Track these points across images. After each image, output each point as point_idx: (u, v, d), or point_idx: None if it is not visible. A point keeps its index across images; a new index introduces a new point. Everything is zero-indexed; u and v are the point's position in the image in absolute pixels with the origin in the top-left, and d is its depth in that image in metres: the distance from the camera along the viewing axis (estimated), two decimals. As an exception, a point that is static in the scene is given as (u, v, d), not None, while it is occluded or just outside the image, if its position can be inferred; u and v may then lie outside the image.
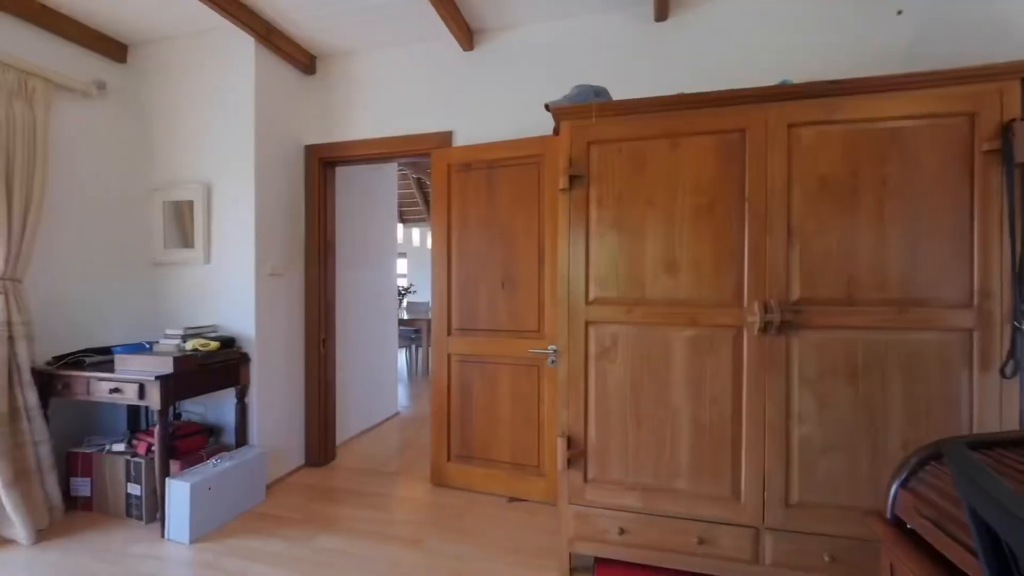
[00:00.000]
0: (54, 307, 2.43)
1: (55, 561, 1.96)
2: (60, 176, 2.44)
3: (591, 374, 1.80)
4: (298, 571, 1.91)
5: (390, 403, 4.09)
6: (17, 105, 2.20)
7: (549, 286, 2.42)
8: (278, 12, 2.47)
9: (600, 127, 1.78)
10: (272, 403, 2.72)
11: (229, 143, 2.63)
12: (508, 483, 2.53)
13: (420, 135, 2.76)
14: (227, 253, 2.64)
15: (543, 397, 2.46)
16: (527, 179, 2.46)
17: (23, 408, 2.17)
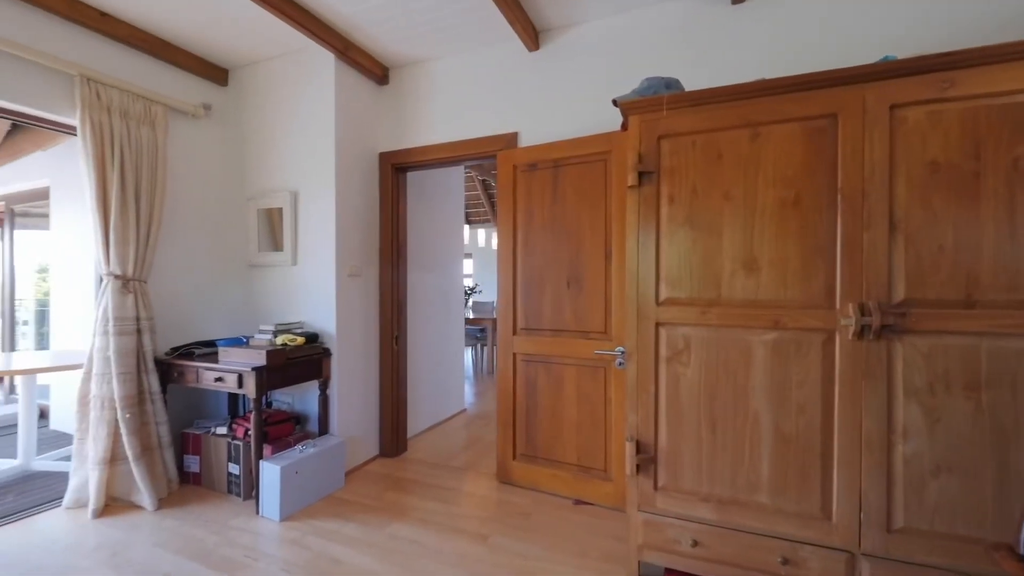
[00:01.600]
0: (169, 304, 2.77)
1: (172, 527, 2.23)
2: (172, 189, 2.77)
3: (662, 377, 1.74)
4: (373, 556, 2.02)
5: (457, 400, 4.21)
6: (143, 130, 2.53)
7: (616, 286, 2.36)
8: (356, 28, 2.63)
9: (671, 120, 1.71)
10: (350, 396, 2.91)
11: (312, 153, 2.84)
12: (574, 485, 2.51)
13: (486, 137, 2.81)
14: (311, 255, 2.86)
15: (610, 399, 2.41)
16: (593, 177, 2.42)
17: (148, 392, 2.49)
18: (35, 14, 2.23)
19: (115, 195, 2.38)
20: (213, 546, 2.08)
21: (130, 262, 2.44)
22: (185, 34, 2.66)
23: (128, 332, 2.41)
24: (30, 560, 1.96)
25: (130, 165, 2.46)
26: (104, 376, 2.36)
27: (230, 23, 2.55)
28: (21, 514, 2.34)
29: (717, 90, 1.65)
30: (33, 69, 2.22)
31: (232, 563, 1.96)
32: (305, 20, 2.44)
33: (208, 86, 2.99)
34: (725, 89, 1.63)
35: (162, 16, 2.48)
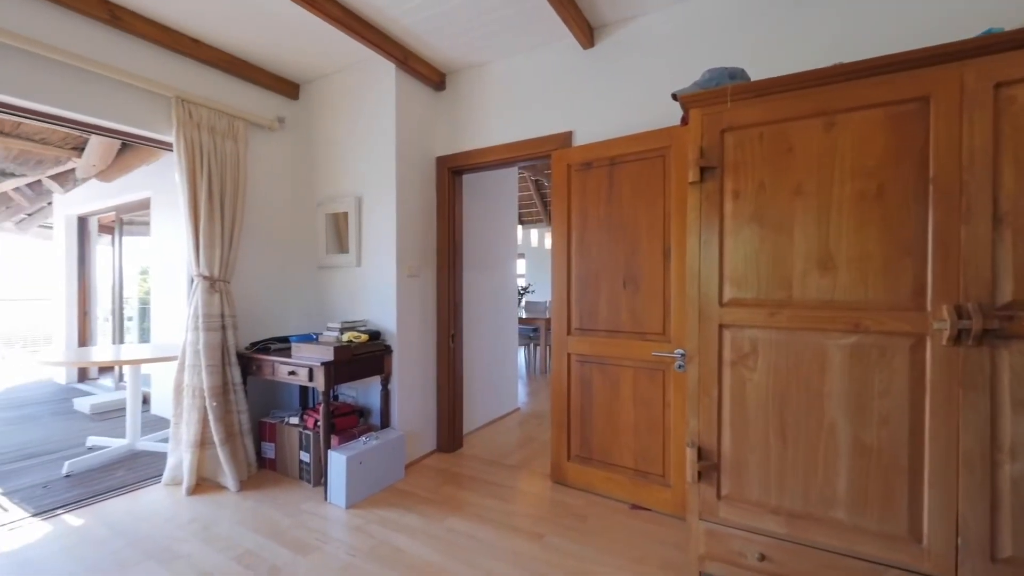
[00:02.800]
0: (249, 303, 3.01)
1: (251, 508, 2.43)
2: (251, 197, 3.01)
3: (725, 381, 1.66)
4: (432, 547, 2.09)
5: (510, 399, 4.25)
6: (227, 143, 2.77)
7: (676, 286, 2.29)
8: (415, 37, 2.73)
9: (736, 112, 1.63)
10: (410, 392, 3.02)
11: (375, 160, 2.98)
12: (630, 489, 2.45)
13: (540, 138, 2.81)
14: (374, 257, 3.00)
15: (669, 403, 2.33)
16: (651, 174, 2.36)
17: (231, 383, 2.72)
18: (139, 44, 2.51)
19: (204, 203, 2.63)
20: (286, 527, 2.24)
21: (216, 264, 2.68)
22: (263, 54, 2.88)
23: (215, 328, 2.65)
24: (137, 530, 2.21)
25: (216, 176, 2.70)
26: (195, 367, 2.61)
27: (302, 41, 2.73)
28: (129, 488, 2.64)
29: (788, 78, 1.55)
30: (139, 94, 2.50)
31: (303, 544, 2.10)
32: (368, 33, 2.56)
33: (282, 100, 3.23)
34: (797, 76, 1.53)
35: (244, 39, 2.70)
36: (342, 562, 1.97)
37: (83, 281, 5.57)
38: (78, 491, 2.60)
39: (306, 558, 2.00)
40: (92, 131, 2.51)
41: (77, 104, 2.30)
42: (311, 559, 1.99)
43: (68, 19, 2.25)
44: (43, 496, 2.55)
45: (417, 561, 1.98)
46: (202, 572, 1.90)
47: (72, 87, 2.28)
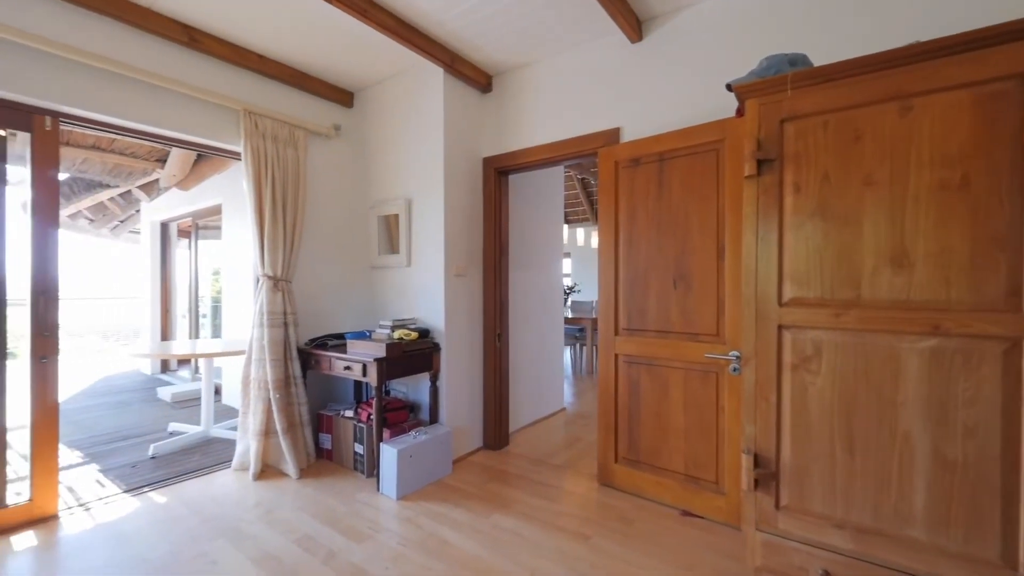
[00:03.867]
0: (307, 301, 3.18)
1: (310, 495, 2.57)
2: (309, 202, 3.18)
3: (785, 386, 1.57)
4: (478, 542, 2.12)
5: (556, 398, 4.23)
6: (288, 151, 2.95)
7: (730, 285, 2.19)
8: (462, 41, 2.78)
9: (797, 100, 1.53)
10: (457, 389, 3.08)
11: (424, 163, 3.07)
12: (681, 495, 2.37)
13: (587, 135, 2.78)
14: (423, 257, 3.09)
15: (722, 407, 2.24)
16: (703, 169, 2.27)
17: (292, 376, 2.89)
18: (211, 63, 2.72)
19: (268, 208, 2.81)
20: (342, 515, 2.35)
21: (279, 265, 2.86)
22: (320, 65, 3.04)
23: (278, 325, 2.83)
24: (211, 510, 2.40)
25: (279, 182, 2.88)
26: (260, 361, 2.80)
27: (356, 51, 2.85)
28: (203, 471, 2.87)
29: (857, 60, 1.44)
30: (211, 108, 2.71)
31: (357, 532, 2.20)
32: (417, 39, 2.64)
33: (338, 109, 3.39)
34: (868, 58, 1.42)
35: (304, 52, 2.86)
36: (393, 552, 2.04)
37: (165, 281, 6.12)
38: (161, 472, 2.86)
39: (360, 546, 2.09)
40: (172, 144, 2.75)
41: (160, 119, 2.53)
42: (365, 547, 2.08)
43: (152, 43, 2.48)
44: (132, 475, 2.82)
45: (464, 555, 2.02)
46: (266, 553, 2.03)
47: (156, 104, 2.51)
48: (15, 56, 2.08)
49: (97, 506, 2.43)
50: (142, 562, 1.95)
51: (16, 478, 2.42)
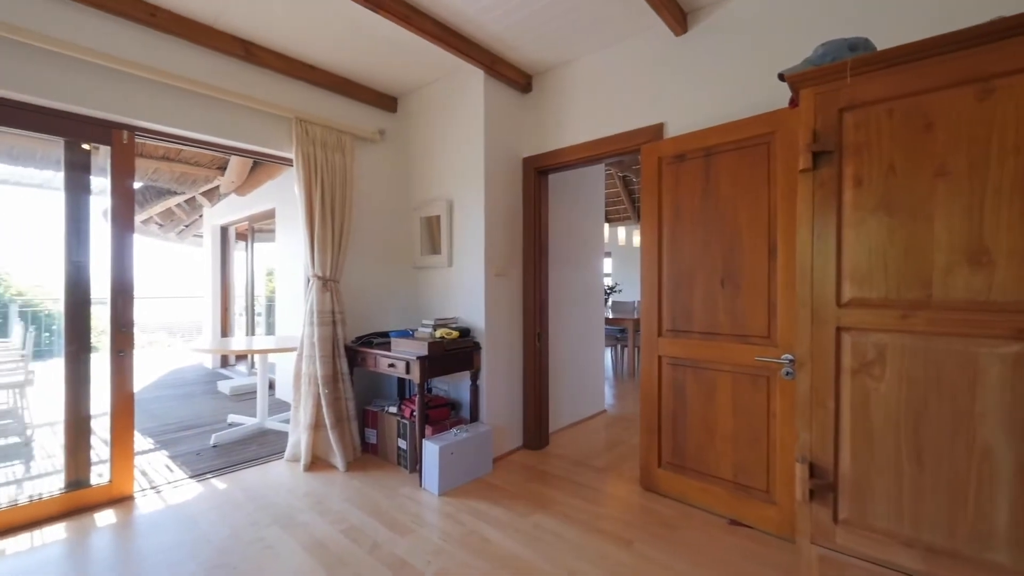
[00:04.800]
0: (354, 300, 3.30)
1: (356, 487, 2.66)
2: (356, 204, 3.30)
3: (844, 392, 1.48)
4: (518, 541, 2.12)
5: (597, 400, 4.17)
6: (336, 156, 3.07)
7: (783, 285, 2.08)
8: (502, 42, 2.80)
9: (858, 87, 1.44)
10: (497, 388, 3.10)
11: (465, 165, 3.11)
12: (729, 503, 2.28)
13: (629, 132, 2.73)
14: (464, 257, 3.13)
15: (774, 412, 2.13)
16: (753, 163, 2.17)
17: (340, 373, 3.01)
18: (265, 74, 2.87)
19: (318, 211, 2.93)
20: (386, 508, 2.42)
21: (328, 266, 2.98)
22: (366, 72, 3.14)
23: (327, 323, 2.95)
24: (266, 497, 2.54)
25: (328, 186, 3.00)
26: (311, 358, 2.93)
27: (400, 57, 2.93)
28: (259, 460, 3.04)
29: (927, 42, 1.33)
30: (265, 117, 2.86)
31: (401, 525, 2.26)
32: (458, 43, 2.68)
33: (382, 114, 3.49)
34: (940, 39, 1.31)
35: (351, 60, 2.97)
36: (435, 546, 2.09)
37: (224, 281, 6.52)
38: (222, 460, 3.05)
39: (403, 538, 2.14)
40: (231, 152, 2.92)
41: (220, 130, 2.69)
42: (407, 540, 2.13)
43: (213, 58, 2.65)
44: (197, 462, 3.03)
45: (504, 553, 2.03)
46: (316, 540, 2.12)
47: (216, 115, 2.68)
48: (97, 76, 2.28)
49: (167, 489, 2.62)
50: (206, 544, 2.09)
51: (98, 461, 2.65)
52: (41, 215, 13.17)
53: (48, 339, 7.13)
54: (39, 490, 2.52)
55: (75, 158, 2.39)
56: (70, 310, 2.37)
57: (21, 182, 4.62)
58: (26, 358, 3.85)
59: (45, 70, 2.14)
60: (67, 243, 2.36)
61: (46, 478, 2.76)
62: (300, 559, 1.98)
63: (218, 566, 1.93)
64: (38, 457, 3.13)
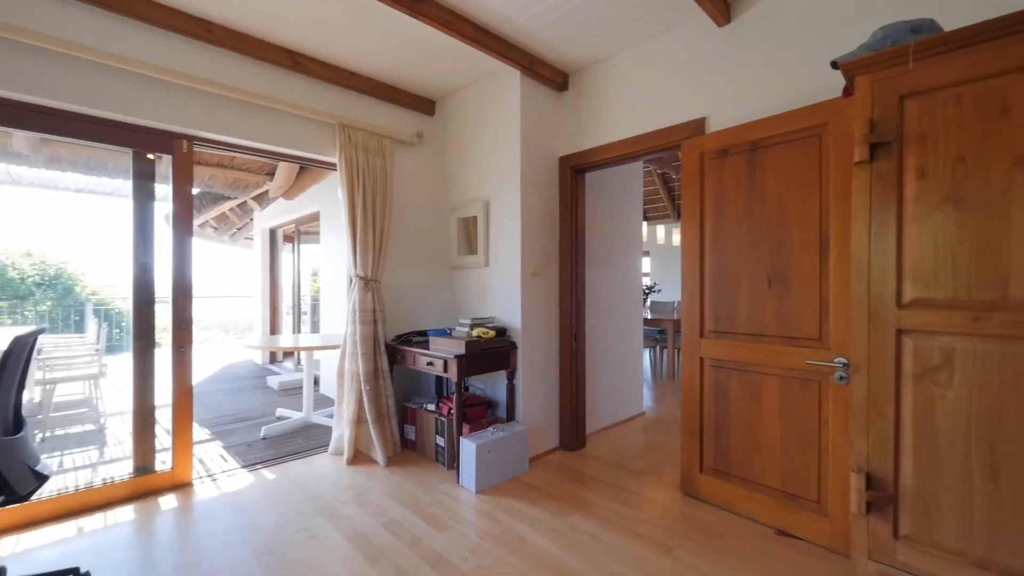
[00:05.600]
0: (394, 299, 3.38)
1: (396, 482, 2.73)
2: (395, 206, 3.38)
3: (906, 399, 1.38)
4: (554, 542, 2.11)
5: (635, 402, 4.09)
6: (376, 160, 3.16)
7: (836, 284, 1.97)
8: (539, 42, 2.79)
9: (922, 72, 1.34)
10: (533, 388, 3.10)
11: (501, 165, 3.12)
12: (776, 513, 2.18)
13: (669, 128, 2.66)
14: (500, 257, 3.15)
15: (825, 419, 2.02)
16: (803, 156, 2.07)
17: (381, 370, 3.10)
18: (310, 82, 2.99)
19: (360, 214, 3.03)
20: (425, 504, 2.47)
21: (369, 266, 3.07)
22: (406, 77, 3.22)
23: (368, 321, 3.04)
24: (312, 489, 2.65)
25: (369, 190, 3.09)
26: (353, 355, 3.03)
27: (438, 61, 2.98)
28: (305, 453, 3.17)
29: (1005, 19, 1.23)
30: (311, 124, 2.98)
31: (439, 521, 2.29)
32: (496, 44, 2.69)
33: (420, 117, 3.56)
34: (1021, 15, 1.20)
35: (391, 66, 3.05)
36: (472, 543, 2.11)
37: (273, 281, 6.84)
38: (270, 452, 3.20)
39: (441, 534, 2.18)
40: (279, 158, 3.06)
41: (269, 137, 2.83)
42: (445, 536, 2.17)
43: (263, 69, 2.78)
44: (248, 453, 3.19)
45: (540, 553, 2.02)
46: (358, 532, 2.19)
47: (266, 123, 2.81)
48: (161, 90, 2.44)
49: (221, 478, 2.78)
50: (256, 531, 2.20)
51: (161, 449, 2.84)
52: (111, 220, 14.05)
53: (118, 335, 7.73)
54: (111, 474, 2.73)
55: (141, 167, 2.57)
56: (137, 308, 2.56)
57: (96, 190, 5.03)
58: (99, 352, 4.18)
59: (117, 86, 2.32)
60: (134, 246, 2.55)
61: (117, 463, 2.99)
62: (343, 550, 2.05)
63: (267, 552, 2.03)
64: (110, 443, 3.39)
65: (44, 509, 2.27)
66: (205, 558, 1.99)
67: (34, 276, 12.01)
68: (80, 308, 8.55)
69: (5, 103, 2.14)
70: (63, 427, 3.70)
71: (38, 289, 11.86)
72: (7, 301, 10.80)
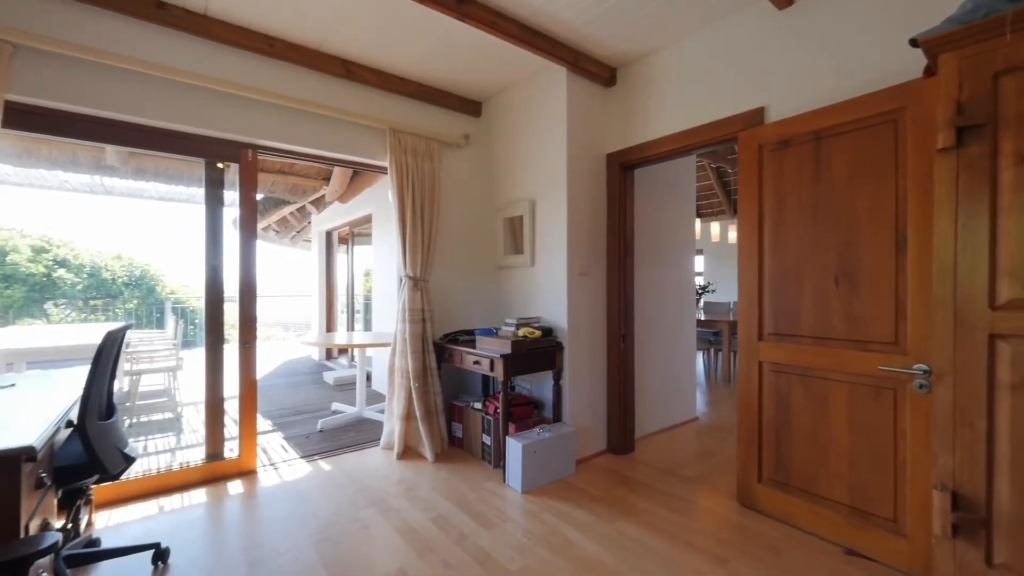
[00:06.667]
0: (441, 299, 3.45)
1: (444, 478, 2.78)
2: (443, 208, 3.44)
3: (1000, 410, 1.24)
4: (602, 546, 2.07)
5: (688, 406, 3.94)
6: (425, 163, 3.23)
7: (915, 283, 1.80)
8: (585, 37, 2.75)
9: (1022, 46, 1.19)
10: (580, 389, 3.06)
11: (547, 164, 3.10)
12: (844, 530, 2.03)
13: (724, 119, 2.54)
14: (546, 256, 3.13)
15: (903, 431, 1.85)
16: (876, 144, 1.91)
17: (429, 368, 3.17)
18: (362, 89, 3.10)
19: (409, 215, 3.11)
20: (471, 501, 2.50)
21: (418, 266, 3.15)
22: (452, 81, 3.27)
23: (417, 320, 3.12)
24: (364, 481, 2.75)
25: (418, 192, 3.17)
26: (403, 353, 3.11)
27: (484, 63, 3.01)
28: (358, 446, 3.30)
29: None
30: (363, 130, 3.10)
31: (485, 519, 2.31)
32: (542, 43, 2.68)
33: (467, 119, 3.61)
34: None
35: (439, 70, 3.11)
36: (518, 542, 2.11)
37: (328, 281, 7.18)
38: (326, 444, 3.36)
39: (488, 532, 2.19)
40: (334, 163, 3.20)
41: (325, 143, 2.96)
42: (492, 534, 2.18)
43: (318, 79, 2.92)
44: (306, 444, 3.37)
45: (587, 557, 1.99)
46: (408, 525, 2.25)
47: (322, 131, 2.95)
48: (229, 103, 2.62)
49: (282, 466, 2.95)
50: (314, 518, 2.31)
51: (229, 438, 3.05)
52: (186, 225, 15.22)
53: (192, 331, 8.40)
54: (187, 459, 2.97)
55: (212, 175, 2.77)
56: (209, 306, 2.76)
57: (174, 198, 5.49)
58: (177, 346, 4.56)
59: (192, 102, 2.51)
60: (206, 249, 2.75)
61: (191, 449, 3.24)
62: (393, 541, 2.12)
63: (323, 539, 2.13)
64: (186, 431, 3.69)
65: (131, 488, 2.50)
66: (268, 541, 2.11)
67: (123, 277, 13.29)
68: (160, 306, 9.38)
69: (103, 122, 2.38)
70: (146, 414, 4.06)
71: (126, 289, 13.12)
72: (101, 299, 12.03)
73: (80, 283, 12.39)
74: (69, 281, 12.20)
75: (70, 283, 12.18)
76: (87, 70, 2.25)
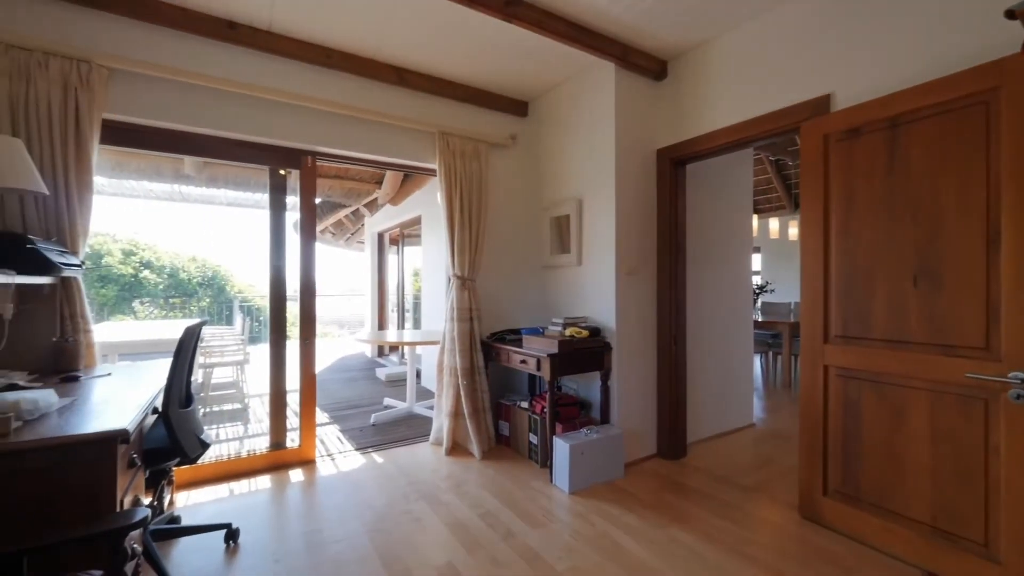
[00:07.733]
0: (488, 298, 3.48)
1: (491, 476, 2.81)
2: (490, 208, 3.47)
3: (1120, 427, 1.09)
4: (653, 553, 2.01)
5: (744, 412, 3.76)
6: (472, 164, 3.28)
7: (1009, 282, 1.62)
8: (634, 31, 2.68)
9: None
10: (629, 390, 2.99)
11: (594, 161, 3.06)
12: (923, 551, 1.86)
13: (784, 109, 2.40)
14: (593, 255, 3.09)
15: (995, 446, 1.67)
16: (962, 131, 1.73)
17: (476, 366, 3.21)
18: (412, 95, 3.18)
19: (457, 216, 3.17)
20: (519, 499, 2.51)
21: (466, 266, 3.20)
22: (499, 82, 3.30)
23: (465, 319, 3.17)
24: (414, 475, 2.83)
25: (466, 193, 3.22)
26: (451, 351, 3.18)
27: (531, 62, 3.01)
28: (408, 441, 3.40)
29: None
30: (413, 134, 3.19)
31: (532, 518, 2.31)
32: (589, 39, 2.65)
33: (513, 119, 3.63)
34: None
35: (485, 72, 3.15)
36: (565, 543, 2.09)
37: (380, 281, 7.45)
38: (379, 437, 3.49)
39: (535, 531, 2.19)
40: (387, 167, 3.32)
41: (378, 148, 3.08)
42: (539, 533, 2.18)
43: (372, 86, 3.03)
44: (360, 437, 3.51)
45: (637, 562, 1.94)
46: (457, 520, 2.29)
47: (375, 136, 3.06)
48: (290, 113, 2.78)
49: (339, 458, 3.09)
50: (368, 508, 2.41)
51: (291, 428, 3.24)
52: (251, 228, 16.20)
53: (257, 328, 8.98)
54: (253, 447, 3.18)
55: (276, 182, 2.96)
56: (273, 304, 2.94)
57: (242, 204, 5.90)
58: (244, 342, 4.89)
59: (258, 113, 2.69)
60: (270, 250, 2.93)
61: (257, 438, 3.47)
62: (443, 535, 2.16)
63: (376, 530, 2.21)
64: (252, 421, 3.95)
65: (205, 472, 2.72)
66: (325, 527, 2.22)
67: (197, 277, 14.46)
68: (230, 304, 10.11)
69: (183, 135, 2.60)
70: (218, 404, 4.39)
71: (200, 288, 14.25)
72: (179, 298, 13.14)
73: (162, 283, 13.61)
74: (152, 281, 13.43)
75: (153, 283, 13.41)
76: (171, 88, 2.46)
